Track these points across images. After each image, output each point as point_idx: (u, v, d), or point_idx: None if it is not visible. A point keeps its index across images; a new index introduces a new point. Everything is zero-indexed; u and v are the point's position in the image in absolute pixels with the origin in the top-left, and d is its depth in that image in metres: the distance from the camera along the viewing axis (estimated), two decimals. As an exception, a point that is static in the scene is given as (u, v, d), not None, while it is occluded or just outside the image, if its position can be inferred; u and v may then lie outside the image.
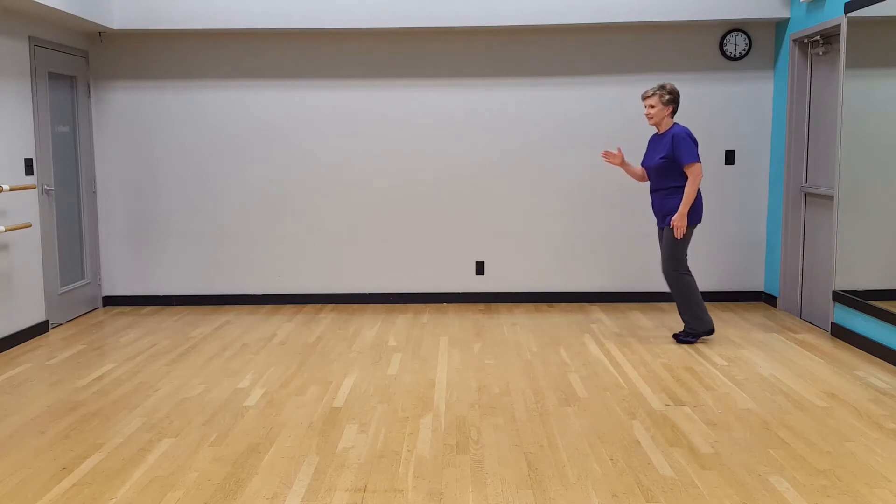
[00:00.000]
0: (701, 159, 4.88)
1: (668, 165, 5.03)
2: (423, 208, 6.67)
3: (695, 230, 5.24)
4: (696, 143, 5.01)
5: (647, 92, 5.10)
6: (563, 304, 6.65)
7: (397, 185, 6.65)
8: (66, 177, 6.21)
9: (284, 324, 6.03)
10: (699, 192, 5.07)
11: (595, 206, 6.62)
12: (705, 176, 6.55)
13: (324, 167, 6.64)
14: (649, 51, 6.50)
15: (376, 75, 6.55)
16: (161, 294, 6.77)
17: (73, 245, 6.31)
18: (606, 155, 5.28)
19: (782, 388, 4.31)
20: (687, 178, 5.02)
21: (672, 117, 5.11)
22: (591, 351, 5.13)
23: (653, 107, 5.06)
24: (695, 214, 5.07)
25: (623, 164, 5.31)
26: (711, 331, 5.22)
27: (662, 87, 5.05)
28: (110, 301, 6.77)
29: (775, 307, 6.40)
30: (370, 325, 5.95)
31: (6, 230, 5.13)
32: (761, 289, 6.68)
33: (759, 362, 4.83)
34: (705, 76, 6.51)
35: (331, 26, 6.19)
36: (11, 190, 5.19)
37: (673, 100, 5.06)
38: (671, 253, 5.10)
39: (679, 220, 4.99)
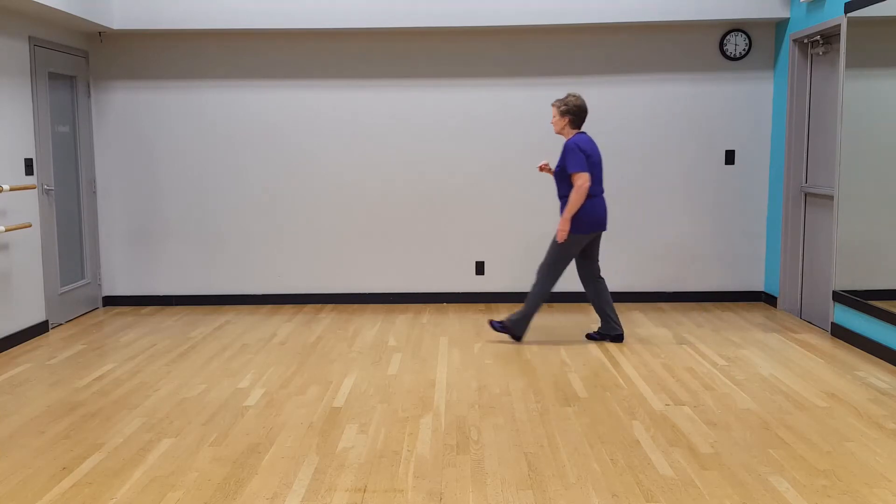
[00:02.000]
0: (588, 170, 4.97)
1: (564, 174, 5.12)
2: (423, 208, 6.67)
3: (597, 239, 5.30)
4: (585, 154, 5.02)
5: (553, 102, 5.30)
6: (563, 304, 6.65)
7: (397, 185, 6.65)
8: (66, 177, 6.21)
9: (284, 324, 6.03)
10: (595, 205, 5.09)
11: (595, 206, 6.62)
12: (705, 175, 6.56)
13: (324, 167, 6.64)
14: (649, 51, 6.50)
15: (376, 75, 6.55)
16: (161, 294, 6.77)
17: (73, 245, 6.31)
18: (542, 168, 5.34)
19: (782, 388, 4.31)
20: None
21: (573, 127, 5.15)
22: (591, 351, 5.13)
23: (553, 116, 5.20)
24: (580, 224, 5.07)
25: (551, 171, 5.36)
26: (520, 337, 5.34)
27: (562, 99, 5.16)
28: (110, 301, 6.77)
29: (775, 307, 6.40)
30: (370, 325, 5.95)
31: (6, 230, 5.14)
32: (761, 289, 6.68)
33: (759, 362, 4.83)
34: (705, 76, 6.51)
35: (331, 26, 6.19)
36: (11, 190, 5.19)
37: (568, 111, 5.11)
38: (548, 258, 5.18)
39: (561, 224, 5.08)
